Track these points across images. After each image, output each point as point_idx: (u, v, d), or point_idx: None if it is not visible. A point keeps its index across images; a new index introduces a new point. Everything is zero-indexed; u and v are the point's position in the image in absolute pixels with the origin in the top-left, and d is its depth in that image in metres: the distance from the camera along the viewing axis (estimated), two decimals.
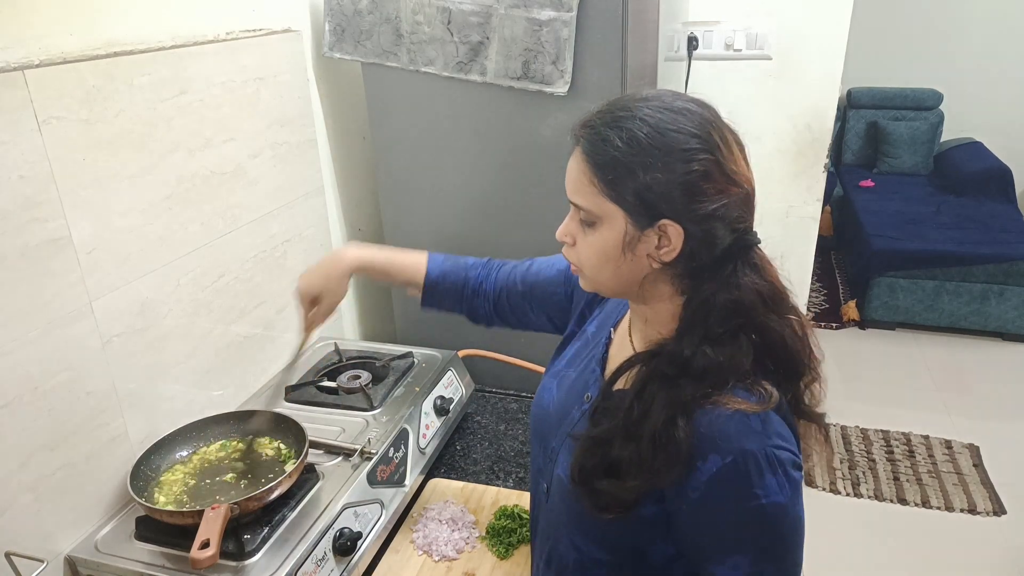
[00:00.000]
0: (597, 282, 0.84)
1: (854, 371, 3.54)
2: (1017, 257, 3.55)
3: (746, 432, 0.72)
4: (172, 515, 1.01)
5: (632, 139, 0.73)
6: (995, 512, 2.62)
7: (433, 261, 1.16)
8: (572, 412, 0.91)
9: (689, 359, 0.75)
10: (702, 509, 0.75)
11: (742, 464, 0.71)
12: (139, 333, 1.16)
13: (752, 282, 0.75)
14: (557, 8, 1.38)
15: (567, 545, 0.89)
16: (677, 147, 0.73)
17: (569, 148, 0.82)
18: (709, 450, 0.72)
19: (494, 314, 1.15)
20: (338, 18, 1.55)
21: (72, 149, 1.02)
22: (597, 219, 0.78)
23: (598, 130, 0.76)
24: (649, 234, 0.75)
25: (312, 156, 1.60)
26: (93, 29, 1.07)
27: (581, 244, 0.82)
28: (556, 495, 0.91)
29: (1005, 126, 4.68)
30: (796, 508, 0.74)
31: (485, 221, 1.63)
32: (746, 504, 0.72)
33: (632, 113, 0.75)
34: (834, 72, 2.49)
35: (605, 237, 0.78)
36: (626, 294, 0.84)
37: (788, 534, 0.75)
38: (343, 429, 1.30)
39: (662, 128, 0.73)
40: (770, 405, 0.73)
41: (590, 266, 0.82)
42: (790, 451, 0.74)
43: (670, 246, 0.75)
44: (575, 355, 0.99)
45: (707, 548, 0.77)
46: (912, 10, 4.68)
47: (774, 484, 0.72)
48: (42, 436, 1.00)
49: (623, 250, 0.77)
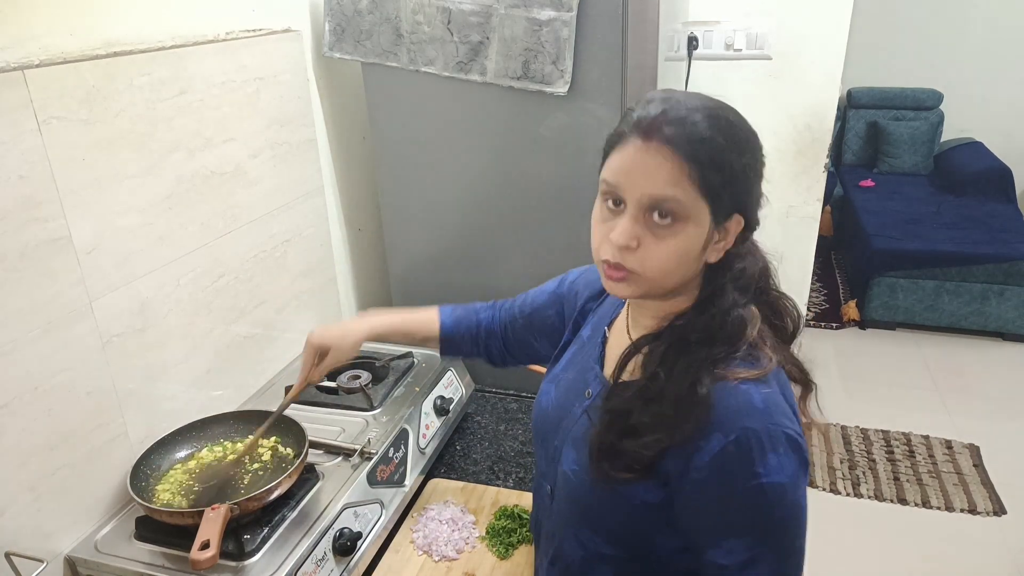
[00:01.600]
0: (658, 286, 0.78)
1: (854, 371, 3.54)
2: (1017, 257, 3.55)
3: (749, 409, 0.73)
4: (172, 515, 1.01)
5: (731, 138, 0.73)
6: (995, 512, 2.62)
7: (444, 312, 1.19)
8: (573, 409, 0.91)
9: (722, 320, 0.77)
10: (703, 489, 0.75)
11: (744, 443, 0.72)
12: (139, 333, 1.16)
13: (762, 253, 0.83)
14: (557, 8, 1.38)
15: (573, 543, 0.89)
16: (757, 145, 0.76)
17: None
18: (713, 428, 0.73)
19: (506, 352, 1.17)
20: (338, 18, 1.55)
21: (72, 149, 1.02)
22: (685, 217, 0.73)
23: (697, 126, 0.72)
24: (717, 231, 0.77)
25: (312, 156, 1.60)
26: (93, 29, 1.07)
27: (652, 247, 0.74)
28: (562, 492, 0.91)
29: (1005, 126, 4.68)
30: (797, 491, 0.74)
31: (485, 221, 1.63)
32: (747, 483, 0.72)
33: (715, 114, 0.73)
34: (834, 72, 2.49)
35: (691, 236, 0.74)
36: (669, 294, 0.81)
37: (787, 517, 0.74)
38: (343, 429, 1.30)
39: (748, 128, 0.76)
40: (771, 367, 0.76)
41: (660, 270, 0.75)
42: (794, 430, 0.74)
43: (727, 239, 0.78)
44: (571, 359, 0.99)
45: (705, 532, 0.78)
46: (912, 10, 4.67)
47: (775, 463, 0.72)
48: (42, 436, 1.00)
49: (702, 249, 0.76)
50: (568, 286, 1.08)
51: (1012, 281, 3.58)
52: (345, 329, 1.15)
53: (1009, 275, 3.57)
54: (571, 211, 1.52)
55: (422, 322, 1.19)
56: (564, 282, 1.10)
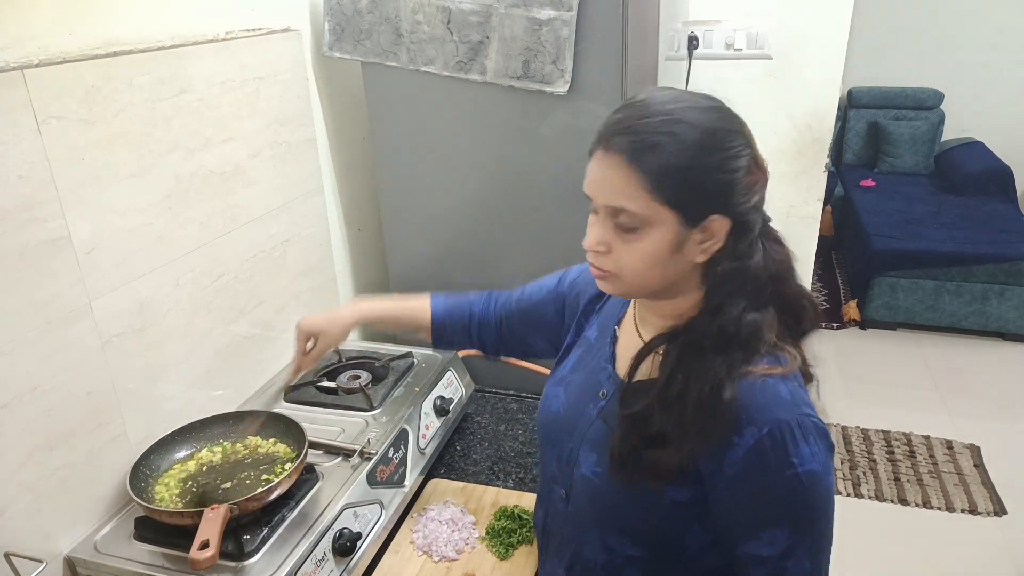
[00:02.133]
0: (639, 286, 0.82)
1: (855, 371, 3.54)
2: (1017, 257, 3.55)
3: (777, 402, 0.74)
4: (171, 515, 1.01)
5: (683, 142, 0.73)
6: (996, 512, 2.62)
7: (435, 301, 1.18)
8: (587, 411, 0.90)
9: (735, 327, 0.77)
10: (739, 484, 0.76)
11: (778, 434, 0.73)
12: (138, 333, 1.16)
13: (781, 253, 0.81)
14: (557, 7, 1.37)
15: (596, 547, 0.88)
16: (726, 145, 0.75)
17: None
18: (745, 424, 0.74)
19: (500, 343, 1.17)
20: (338, 18, 1.55)
21: (71, 149, 1.01)
22: (644, 223, 0.76)
23: (644, 136, 0.74)
24: (695, 233, 0.76)
25: (312, 156, 1.60)
26: (93, 29, 1.07)
27: (621, 251, 0.78)
28: (581, 496, 0.90)
29: (1005, 126, 4.68)
30: (828, 477, 0.76)
31: (485, 220, 1.63)
32: (783, 473, 0.73)
33: (674, 117, 0.74)
34: (834, 72, 2.49)
35: (655, 240, 0.76)
36: (663, 294, 0.83)
37: (821, 504, 0.77)
38: (343, 429, 1.30)
39: (710, 129, 0.74)
40: (795, 367, 0.77)
41: (635, 272, 0.79)
42: (818, 419, 0.76)
43: (715, 239, 0.77)
44: (579, 360, 0.98)
45: (742, 525, 0.78)
46: (912, 10, 4.67)
47: (807, 452, 0.74)
48: (41, 436, 1.00)
49: (672, 251, 0.77)
50: (568, 285, 1.07)
51: (1012, 281, 3.58)
52: (334, 315, 1.17)
53: (1009, 275, 3.57)
54: (571, 211, 1.51)
55: (413, 310, 1.18)
56: (564, 280, 1.09)
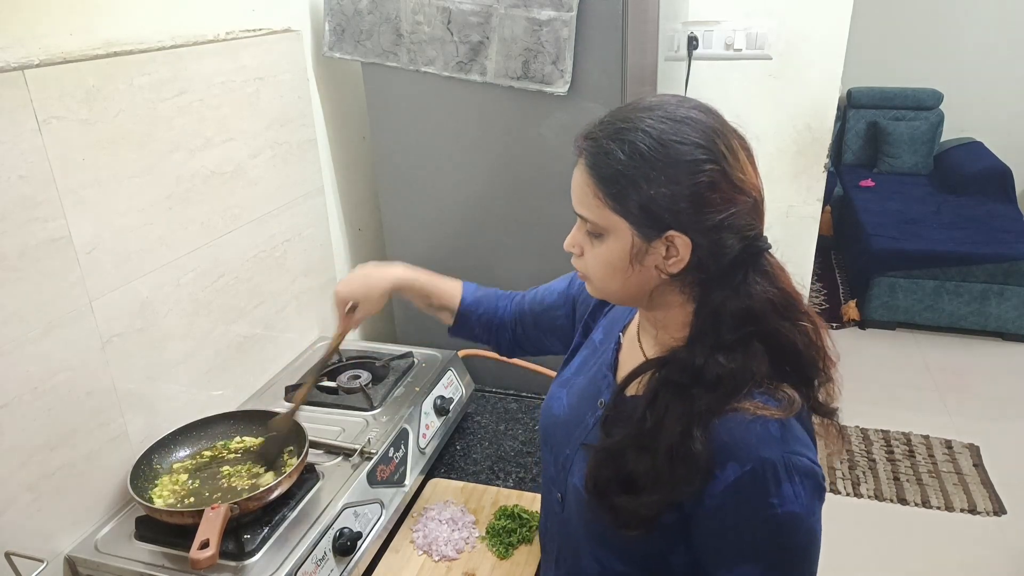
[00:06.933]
0: (606, 291, 0.84)
1: (854, 371, 3.54)
2: (1017, 257, 3.55)
3: (766, 440, 0.71)
4: (172, 515, 1.01)
5: (635, 152, 0.72)
6: (995, 512, 2.62)
7: (467, 288, 1.18)
8: (585, 419, 0.90)
9: (701, 368, 0.74)
10: (717, 516, 0.74)
11: (760, 472, 0.71)
12: (139, 333, 1.16)
13: (763, 289, 0.75)
14: (557, 8, 1.38)
15: (589, 559, 0.88)
16: (681, 159, 0.72)
17: (570, 149, 0.82)
18: (728, 458, 0.71)
19: (514, 344, 1.17)
20: (338, 18, 1.55)
21: (72, 149, 1.02)
22: (603, 231, 0.78)
23: (600, 142, 0.75)
24: (657, 245, 0.75)
25: (312, 156, 1.60)
26: (93, 29, 1.07)
27: (588, 255, 0.82)
28: (572, 505, 0.90)
29: (1005, 126, 4.68)
30: (811, 519, 0.73)
31: (485, 221, 1.63)
32: (762, 513, 0.71)
33: (634, 125, 0.74)
34: (834, 72, 2.49)
35: (612, 249, 0.77)
36: (635, 302, 0.84)
37: (801, 546, 0.74)
38: (343, 429, 1.30)
39: (665, 140, 0.72)
40: (793, 411, 0.73)
41: (598, 276, 0.82)
42: (809, 459, 0.73)
43: (678, 256, 0.74)
44: (583, 363, 0.98)
45: (718, 555, 0.76)
46: (912, 10, 4.67)
47: (790, 492, 0.71)
48: (42, 436, 1.00)
49: (630, 262, 0.77)
50: (579, 287, 1.07)
51: (1012, 281, 3.58)
52: (371, 282, 1.15)
53: (1009, 275, 3.57)
54: (571, 211, 1.51)
55: (444, 290, 1.18)
56: (574, 282, 1.09)
